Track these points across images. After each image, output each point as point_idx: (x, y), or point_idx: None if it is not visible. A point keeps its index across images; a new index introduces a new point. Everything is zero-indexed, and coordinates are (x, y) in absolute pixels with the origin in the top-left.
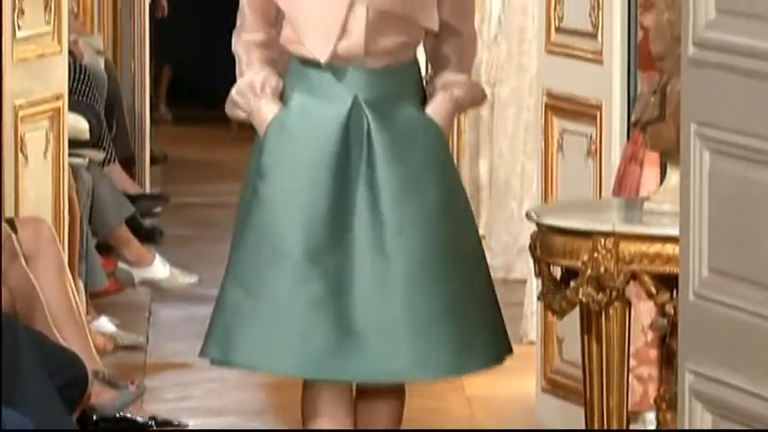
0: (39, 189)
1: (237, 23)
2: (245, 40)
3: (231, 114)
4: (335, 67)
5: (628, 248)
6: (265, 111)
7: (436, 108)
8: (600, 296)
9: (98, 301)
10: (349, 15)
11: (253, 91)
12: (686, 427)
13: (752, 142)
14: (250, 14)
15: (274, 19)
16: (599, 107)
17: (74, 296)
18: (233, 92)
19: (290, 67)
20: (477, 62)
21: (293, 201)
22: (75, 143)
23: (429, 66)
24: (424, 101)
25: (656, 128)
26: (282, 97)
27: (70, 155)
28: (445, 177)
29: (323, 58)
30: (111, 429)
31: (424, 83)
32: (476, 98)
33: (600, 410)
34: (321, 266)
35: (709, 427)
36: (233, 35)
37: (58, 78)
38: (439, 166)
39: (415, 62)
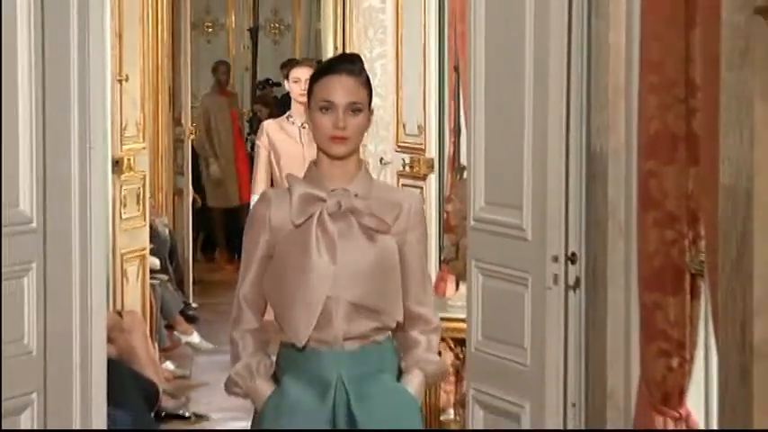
0: (134, 296)
1: (234, 315)
2: (242, 329)
3: (229, 392)
4: (319, 350)
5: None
6: (261, 390)
7: (410, 381)
8: None
9: (164, 353)
10: (326, 308)
11: (249, 372)
12: (469, 419)
13: (504, 270)
14: (246, 308)
15: (264, 309)
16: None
17: (152, 350)
18: (232, 373)
19: (279, 350)
20: None
21: None
22: (152, 272)
23: (400, 345)
24: (400, 371)
25: (454, 263)
26: (275, 374)
27: (150, 278)
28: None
29: (300, 343)
30: (171, 418)
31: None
32: (443, 375)
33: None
34: None
35: (482, 421)
36: (230, 324)
37: (143, 239)
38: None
39: (390, 339)
